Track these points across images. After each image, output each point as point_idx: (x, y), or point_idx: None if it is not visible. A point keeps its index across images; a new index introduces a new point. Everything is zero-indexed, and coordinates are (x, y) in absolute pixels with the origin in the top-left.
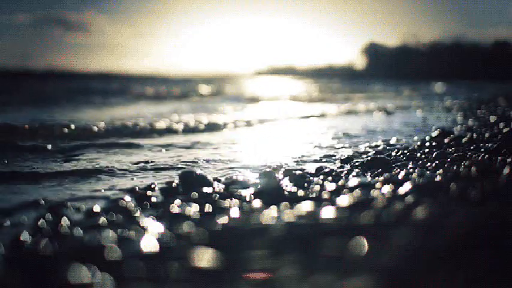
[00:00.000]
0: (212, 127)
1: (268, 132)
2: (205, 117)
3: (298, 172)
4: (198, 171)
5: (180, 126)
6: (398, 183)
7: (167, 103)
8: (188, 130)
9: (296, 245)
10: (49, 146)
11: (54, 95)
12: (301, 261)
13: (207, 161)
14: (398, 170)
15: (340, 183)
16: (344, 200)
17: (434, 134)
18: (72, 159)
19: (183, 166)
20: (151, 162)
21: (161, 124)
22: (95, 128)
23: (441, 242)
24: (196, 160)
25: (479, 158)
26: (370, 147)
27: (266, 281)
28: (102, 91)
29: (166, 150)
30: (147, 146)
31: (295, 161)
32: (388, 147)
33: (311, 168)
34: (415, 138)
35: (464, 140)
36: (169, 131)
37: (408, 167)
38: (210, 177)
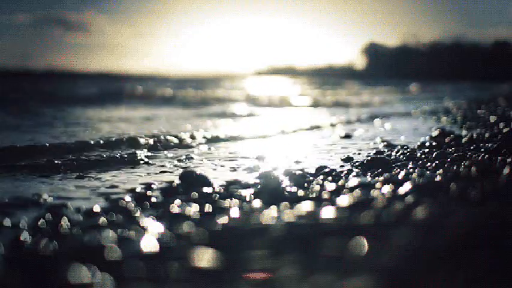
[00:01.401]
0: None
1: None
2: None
3: (298, 172)
4: (198, 171)
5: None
6: (398, 183)
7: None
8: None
9: (296, 245)
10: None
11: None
12: (301, 261)
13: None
14: (398, 170)
15: (340, 183)
16: (344, 200)
17: (434, 134)
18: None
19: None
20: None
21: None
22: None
23: (441, 242)
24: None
25: (479, 158)
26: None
27: (266, 281)
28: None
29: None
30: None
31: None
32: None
33: (311, 168)
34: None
35: (464, 140)
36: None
37: (408, 167)
38: (210, 177)
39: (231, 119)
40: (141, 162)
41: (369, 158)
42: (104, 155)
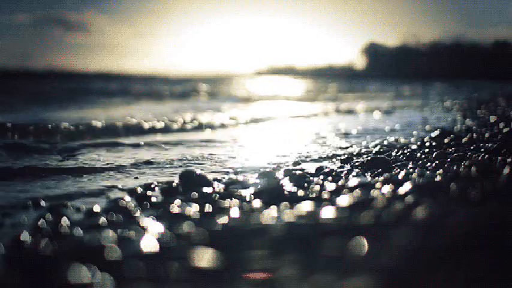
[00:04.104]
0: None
1: None
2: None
3: (298, 172)
4: (198, 171)
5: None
6: (398, 183)
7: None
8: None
9: (296, 245)
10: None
11: (63, 95)
12: (301, 261)
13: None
14: (398, 170)
15: (340, 183)
16: (344, 200)
17: (434, 134)
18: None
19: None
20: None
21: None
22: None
23: (441, 242)
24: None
25: (479, 158)
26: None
27: (266, 281)
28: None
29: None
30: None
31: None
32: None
33: (311, 168)
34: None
35: (464, 140)
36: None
37: (408, 167)
38: (210, 177)
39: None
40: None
41: (369, 158)
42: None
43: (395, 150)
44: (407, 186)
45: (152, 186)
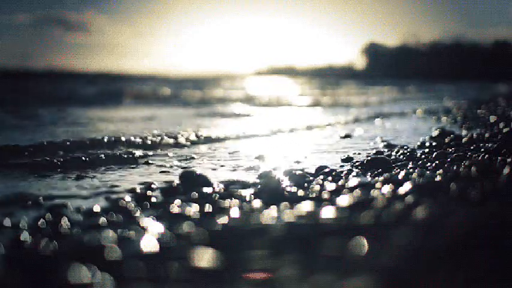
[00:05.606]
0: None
1: None
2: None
3: (298, 172)
4: (198, 171)
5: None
6: (398, 183)
7: None
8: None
9: (296, 245)
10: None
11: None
12: (301, 261)
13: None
14: (398, 170)
15: (340, 183)
16: (344, 200)
17: (434, 134)
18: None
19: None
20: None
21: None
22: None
23: (441, 242)
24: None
25: (479, 158)
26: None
27: (266, 281)
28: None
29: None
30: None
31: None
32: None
33: (311, 168)
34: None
35: (464, 140)
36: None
37: (408, 167)
38: (210, 177)
39: (231, 119)
40: (141, 161)
41: (369, 158)
42: (103, 155)
43: (396, 150)
44: (407, 186)
45: (152, 186)
